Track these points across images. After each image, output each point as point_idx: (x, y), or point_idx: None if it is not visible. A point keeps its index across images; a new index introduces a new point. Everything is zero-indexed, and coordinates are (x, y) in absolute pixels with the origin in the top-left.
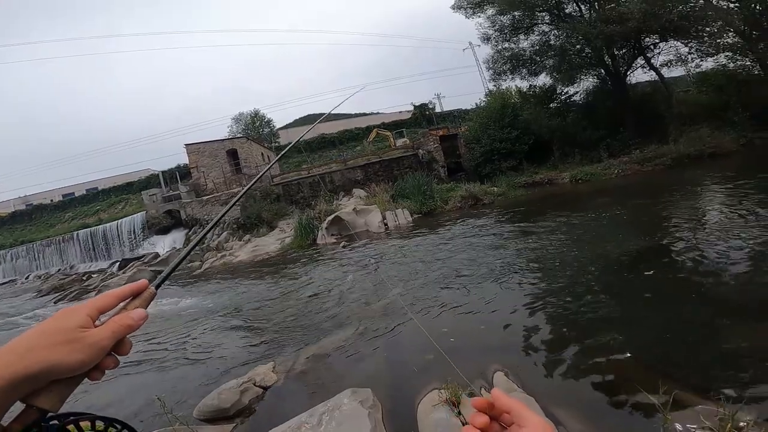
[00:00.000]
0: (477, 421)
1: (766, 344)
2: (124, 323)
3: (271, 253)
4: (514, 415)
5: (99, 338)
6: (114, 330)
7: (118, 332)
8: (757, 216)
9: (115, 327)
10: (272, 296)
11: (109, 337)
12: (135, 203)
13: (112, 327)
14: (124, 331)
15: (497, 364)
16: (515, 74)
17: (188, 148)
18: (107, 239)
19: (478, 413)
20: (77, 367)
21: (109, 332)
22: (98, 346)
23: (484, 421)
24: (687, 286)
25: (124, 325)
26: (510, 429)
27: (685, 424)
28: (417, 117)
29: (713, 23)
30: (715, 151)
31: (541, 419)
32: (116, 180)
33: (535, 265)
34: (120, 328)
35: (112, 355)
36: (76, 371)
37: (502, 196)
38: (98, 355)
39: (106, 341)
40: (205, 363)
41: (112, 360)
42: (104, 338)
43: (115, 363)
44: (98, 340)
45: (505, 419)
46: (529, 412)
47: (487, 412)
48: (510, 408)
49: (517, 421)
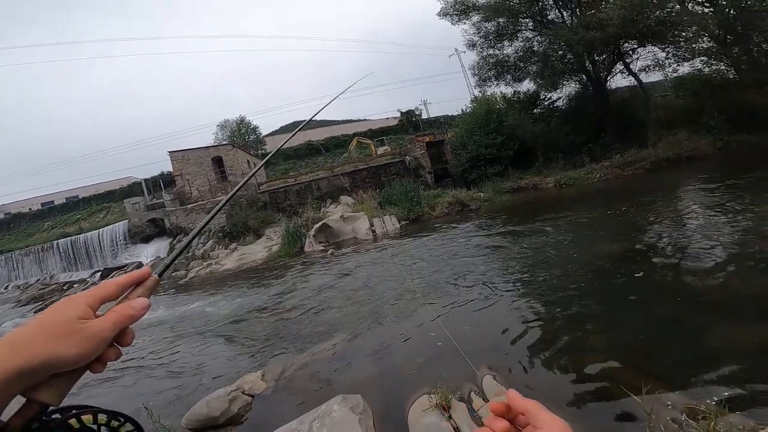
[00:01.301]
0: (497, 427)
1: (746, 343)
2: (126, 313)
3: (258, 261)
4: (530, 416)
5: (99, 329)
6: (115, 321)
7: (119, 323)
8: (733, 217)
9: (117, 317)
10: (259, 304)
11: (110, 328)
12: (117, 212)
13: (113, 317)
14: (125, 322)
15: (485, 368)
16: (500, 80)
17: (172, 155)
18: (88, 248)
19: (497, 418)
20: (77, 360)
21: (109, 323)
22: (98, 338)
23: (504, 426)
24: (669, 286)
25: (125, 315)
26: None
27: (670, 423)
28: (404, 123)
29: (689, 28)
30: (692, 155)
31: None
32: (97, 188)
33: (520, 269)
34: (121, 319)
35: (114, 346)
36: (75, 364)
37: (489, 202)
38: (99, 348)
39: (106, 332)
40: (192, 372)
41: (114, 352)
42: (105, 329)
43: (117, 355)
44: (98, 331)
45: (520, 420)
46: (546, 413)
47: (504, 416)
48: (526, 409)
49: (533, 422)
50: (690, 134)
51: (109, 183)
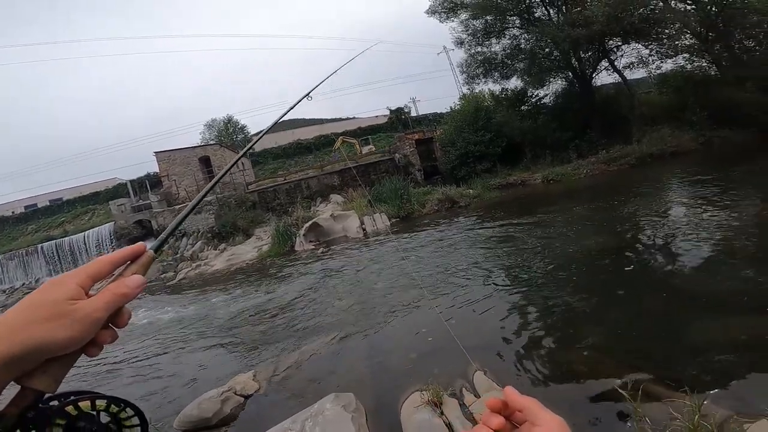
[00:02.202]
0: (493, 423)
1: (727, 336)
2: (120, 292)
3: (248, 262)
4: (528, 413)
5: (91, 310)
6: (108, 300)
7: (112, 302)
8: (717, 212)
9: (109, 297)
10: (250, 304)
11: (103, 309)
12: (102, 214)
13: (105, 297)
14: (119, 301)
15: (476, 363)
16: (488, 78)
17: (158, 155)
18: (74, 251)
19: (493, 414)
20: (68, 344)
21: (102, 303)
22: (90, 320)
23: (500, 422)
24: (656, 281)
25: (119, 294)
26: (522, 427)
27: (655, 415)
28: (393, 121)
29: (672, 25)
30: (676, 150)
31: (555, 417)
32: (82, 190)
33: (510, 264)
34: (114, 298)
35: (109, 327)
36: (68, 348)
37: (478, 198)
38: (91, 330)
39: (99, 313)
40: (183, 373)
41: (110, 333)
42: (97, 310)
43: (113, 337)
44: (89, 312)
45: (517, 417)
46: (543, 410)
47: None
48: (523, 406)
49: (530, 419)
50: (673, 130)
51: (94, 184)
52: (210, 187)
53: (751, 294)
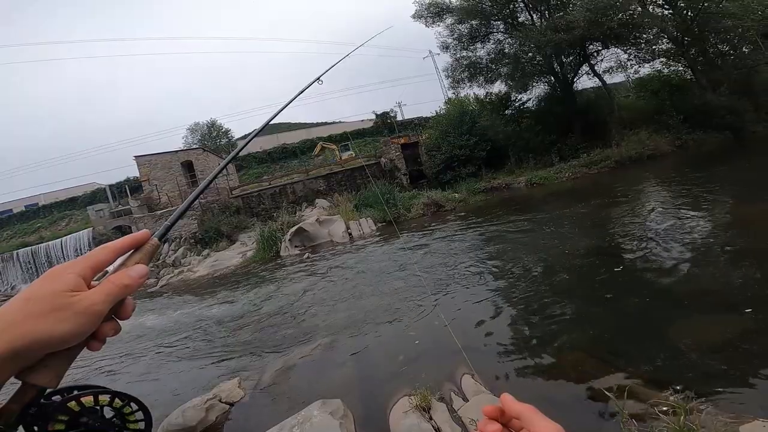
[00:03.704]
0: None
1: (708, 336)
2: (121, 282)
3: (233, 267)
4: (525, 420)
5: (91, 303)
6: (109, 292)
7: (114, 294)
8: (694, 213)
9: (111, 288)
10: (234, 310)
11: (104, 301)
12: (80, 220)
13: (107, 288)
14: (121, 293)
15: (464, 367)
16: (473, 82)
17: (138, 160)
18: (51, 258)
19: (490, 421)
20: (69, 338)
21: (103, 295)
22: (91, 312)
23: (496, 429)
24: (638, 282)
25: (121, 285)
26: None
27: (642, 418)
28: (379, 125)
29: (649, 30)
30: (653, 153)
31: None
32: (58, 195)
33: (494, 267)
34: (116, 289)
35: (111, 320)
36: (68, 342)
37: (463, 202)
38: (92, 323)
39: (100, 305)
40: (165, 380)
41: (112, 326)
42: (97, 302)
43: (116, 330)
44: (90, 304)
45: (514, 425)
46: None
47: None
48: (520, 413)
49: (527, 426)
50: (651, 133)
51: (71, 189)
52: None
53: (727, 293)
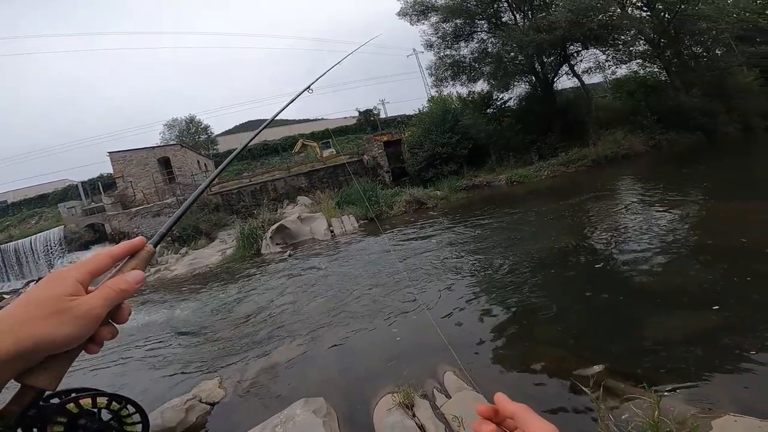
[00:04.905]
0: (484, 430)
1: (681, 332)
2: (119, 287)
3: (212, 266)
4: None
5: (90, 307)
6: (107, 296)
7: (111, 299)
8: (664, 210)
9: (108, 293)
10: (213, 309)
11: (102, 305)
12: (51, 217)
13: (104, 293)
14: (118, 297)
15: (446, 364)
16: (456, 80)
17: (112, 156)
18: (20, 257)
19: (485, 421)
20: (68, 342)
21: (101, 299)
22: (89, 316)
23: (491, 429)
24: (610, 278)
25: (117, 289)
26: None
27: (617, 413)
28: (362, 123)
29: (627, 32)
30: (628, 152)
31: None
32: (27, 192)
33: (475, 264)
34: (113, 294)
35: (109, 324)
36: (67, 345)
37: (445, 200)
38: (91, 327)
39: (98, 310)
40: (143, 381)
41: (110, 330)
42: (95, 306)
43: (113, 333)
44: (89, 309)
45: (508, 424)
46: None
47: (492, 419)
48: (514, 413)
49: (521, 426)
50: (626, 134)
51: (42, 186)
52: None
53: (698, 289)
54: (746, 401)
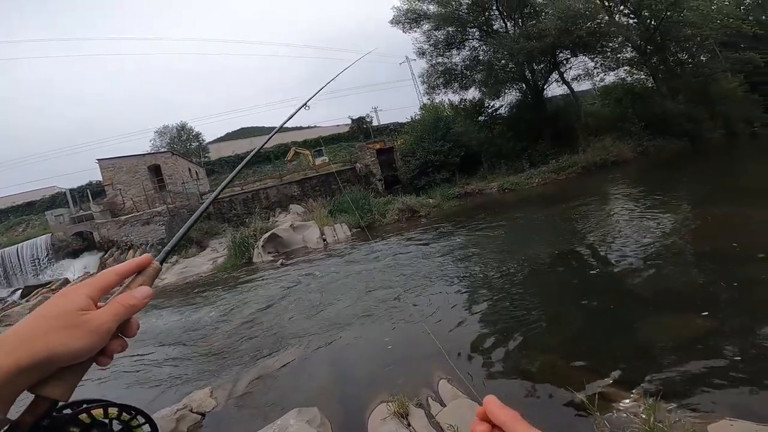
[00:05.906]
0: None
1: (675, 337)
2: (127, 303)
3: (203, 274)
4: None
5: (101, 321)
6: (116, 311)
7: (120, 314)
8: (654, 215)
9: (118, 308)
10: (205, 318)
11: (112, 320)
12: (38, 225)
13: (114, 308)
14: (127, 312)
15: (441, 371)
16: (448, 88)
17: (101, 163)
18: (6, 265)
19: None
20: (80, 354)
21: (111, 314)
22: (101, 330)
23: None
24: (602, 284)
25: (126, 305)
26: None
27: (613, 419)
28: (354, 130)
29: (615, 39)
30: (617, 159)
31: None
32: (15, 199)
33: (468, 271)
34: (122, 309)
35: (118, 337)
36: (80, 357)
37: (437, 208)
38: (102, 340)
39: (108, 324)
40: (132, 390)
41: (119, 343)
42: (106, 321)
43: (123, 346)
44: (100, 323)
45: None
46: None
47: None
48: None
49: None
50: (614, 140)
51: (29, 193)
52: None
53: (691, 295)
54: (742, 405)
